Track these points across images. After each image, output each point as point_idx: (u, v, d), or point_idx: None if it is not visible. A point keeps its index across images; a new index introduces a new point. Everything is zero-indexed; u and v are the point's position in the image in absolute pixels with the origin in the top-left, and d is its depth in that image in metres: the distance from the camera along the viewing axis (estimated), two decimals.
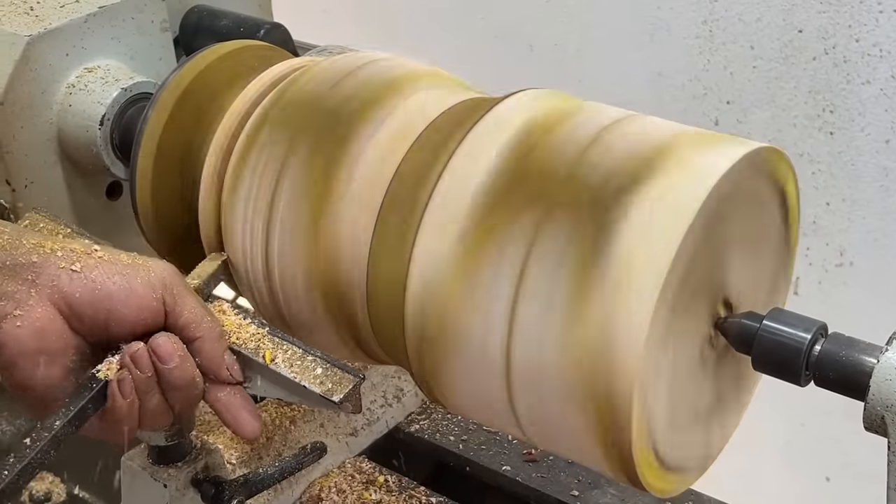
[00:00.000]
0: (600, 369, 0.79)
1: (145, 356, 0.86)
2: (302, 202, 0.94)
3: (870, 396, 0.81)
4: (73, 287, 0.85)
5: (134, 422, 0.87)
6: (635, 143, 0.84)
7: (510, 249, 0.82)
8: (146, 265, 0.88)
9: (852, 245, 1.83)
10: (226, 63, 1.09)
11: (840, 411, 0.98)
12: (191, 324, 0.88)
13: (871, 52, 1.71)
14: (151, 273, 0.87)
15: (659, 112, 0.94)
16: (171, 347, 0.86)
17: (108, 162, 1.17)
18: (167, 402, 0.88)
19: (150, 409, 0.87)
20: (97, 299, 0.85)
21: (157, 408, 0.87)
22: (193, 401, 0.89)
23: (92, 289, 0.85)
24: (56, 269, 0.85)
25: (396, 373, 1.28)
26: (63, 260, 0.86)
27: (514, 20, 2.08)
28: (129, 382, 0.86)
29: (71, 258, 0.86)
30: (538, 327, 0.81)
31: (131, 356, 0.86)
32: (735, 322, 0.87)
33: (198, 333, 0.88)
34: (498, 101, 0.92)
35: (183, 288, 0.89)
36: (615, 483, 1.19)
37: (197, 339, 0.88)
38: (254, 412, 0.90)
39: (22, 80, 1.14)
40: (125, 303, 0.85)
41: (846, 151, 1.78)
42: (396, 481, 1.20)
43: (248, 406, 0.90)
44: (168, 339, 0.86)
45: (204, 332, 0.88)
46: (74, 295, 0.85)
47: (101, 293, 0.85)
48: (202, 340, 0.88)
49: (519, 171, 0.85)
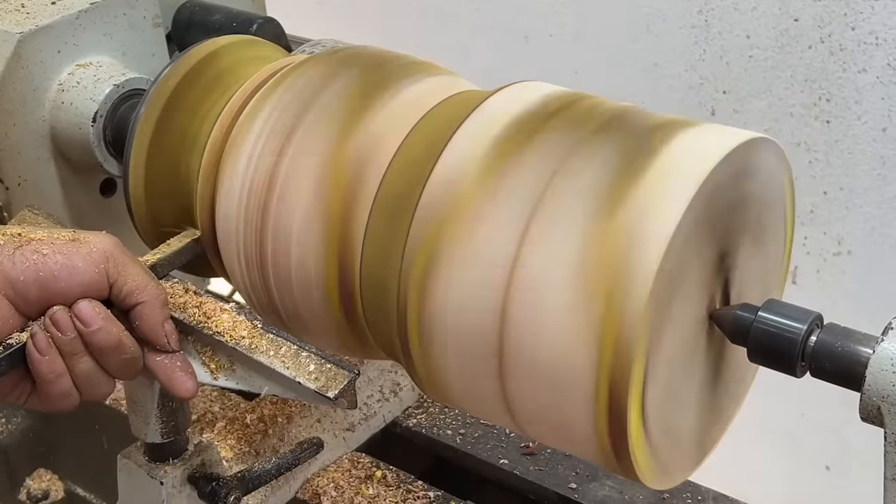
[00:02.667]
0: (619, 272, 0.79)
1: (65, 318, 0.88)
2: (332, 121, 0.95)
3: (866, 387, 0.81)
4: (16, 270, 0.87)
5: (65, 383, 0.89)
6: (657, 116, 0.88)
7: (540, 162, 0.85)
8: (87, 240, 0.90)
9: (850, 234, 1.83)
10: (219, 58, 1.08)
11: (839, 401, 0.98)
12: (133, 291, 0.90)
13: (867, 40, 1.70)
14: (93, 247, 0.89)
15: (655, 102, 0.95)
16: (93, 311, 0.88)
17: (101, 159, 1.17)
18: (101, 367, 0.90)
19: (84, 374, 0.89)
20: (41, 280, 0.87)
21: (91, 372, 0.89)
22: (129, 366, 0.91)
23: (35, 270, 0.87)
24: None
25: (393, 367, 1.28)
26: (4, 246, 0.88)
27: (509, 11, 2.08)
28: (44, 339, 0.87)
29: (12, 243, 0.88)
30: (559, 238, 0.82)
31: (51, 318, 0.88)
32: (730, 313, 0.87)
33: (140, 299, 0.90)
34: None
35: (125, 258, 0.91)
36: (613, 475, 1.19)
37: (139, 304, 0.90)
38: (190, 373, 0.93)
39: (13, 77, 1.13)
40: (68, 280, 0.88)
41: (843, 140, 1.78)
42: (394, 476, 1.20)
43: (184, 367, 0.93)
44: (90, 304, 0.88)
45: (146, 298, 0.90)
46: (19, 278, 0.87)
47: (44, 274, 0.87)
48: (144, 305, 0.90)
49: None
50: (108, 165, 1.18)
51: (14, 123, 1.15)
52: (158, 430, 1.01)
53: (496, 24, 2.11)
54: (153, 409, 1.00)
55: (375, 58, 1.02)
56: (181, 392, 0.93)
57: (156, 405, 1.00)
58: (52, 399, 0.90)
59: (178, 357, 0.93)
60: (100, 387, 0.91)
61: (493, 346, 0.85)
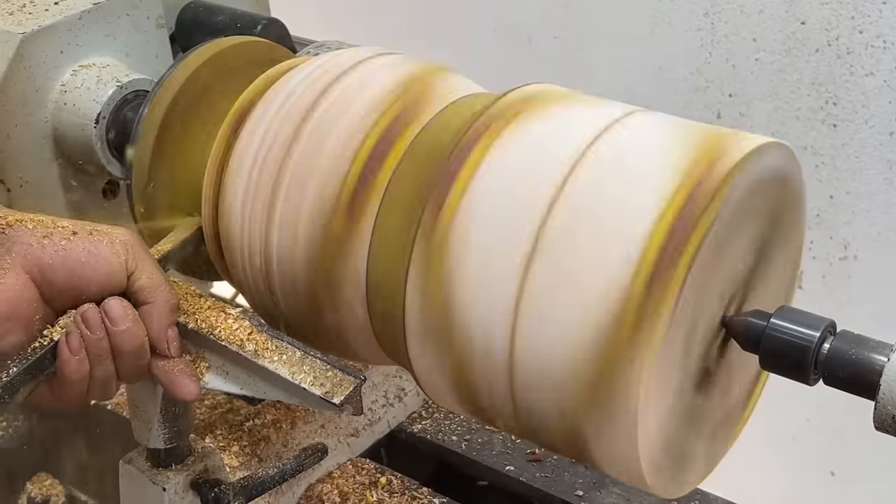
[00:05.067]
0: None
1: (96, 317, 0.88)
2: (339, 119, 0.94)
3: (880, 395, 0.79)
4: (45, 254, 0.88)
5: (84, 385, 0.89)
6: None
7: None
8: (109, 231, 0.91)
9: (856, 238, 1.82)
10: (223, 60, 1.08)
11: (844, 406, 0.97)
12: (146, 288, 0.90)
13: (874, 43, 1.69)
14: (115, 238, 0.90)
15: (660, 105, 0.94)
16: (123, 310, 0.89)
17: (104, 161, 1.16)
18: (115, 369, 0.90)
19: (101, 377, 0.89)
20: (68, 265, 0.88)
21: (107, 375, 0.90)
22: (140, 371, 0.91)
23: (63, 255, 0.88)
24: (28, 237, 0.88)
25: (398, 372, 1.27)
26: (34, 230, 0.89)
27: (512, 13, 2.07)
28: (77, 337, 0.88)
29: (41, 228, 0.89)
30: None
31: (82, 316, 0.88)
32: (742, 320, 0.86)
33: (150, 299, 0.90)
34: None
35: (144, 253, 0.91)
36: (620, 483, 1.18)
37: (149, 303, 0.90)
38: (192, 376, 0.92)
39: (16, 78, 1.12)
40: (95, 268, 0.88)
41: (850, 144, 1.77)
42: (399, 482, 1.19)
43: (187, 370, 0.92)
44: (119, 303, 0.89)
45: (156, 299, 0.91)
46: (47, 262, 0.87)
47: (72, 259, 0.88)
48: (153, 306, 0.91)
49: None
50: (110, 167, 1.17)
51: (16, 124, 1.14)
52: (161, 436, 1.00)
53: (499, 26, 2.10)
54: (156, 413, 0.99)
55: (392, 56, 1.01)
56: (183, 395, 0.92)
57: (158, 410, 0.99)
58: (66, 398, 0.90)
59: (181, 360, 0.92)
60: (108, 390, 0.91)
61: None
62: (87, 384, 0.89)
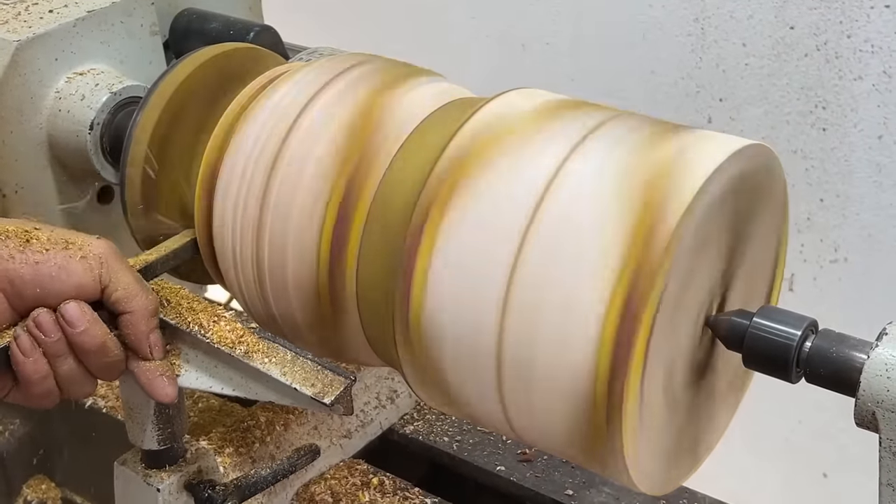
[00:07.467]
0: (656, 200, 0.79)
1: (49, 321, 0.89)
2: (330, 124, 0.96)
3: (860, 392, 0.81)
4: (16, 266, 0.89)
5: (49, 383, 0.91)
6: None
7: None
8: (84, 243, 0.92)
9: (846, 241, 1.83)
10: (216, 66, 1.09)
11: (836, 407, 0.98)
12: (122, 299, 0.91)
13: (862, 47, 1.70)
14: (89, 252, 0.91)
15: (651, 110, 0.95)
16: (79, 312, 0.90)
17: (98, 166, 1.17)
18: (84, 368, 0.91)
19: (66, 374, 0.91)
20: (38, 279, 0.89)
21: (73, 373, 0.91)
22: (112, 368, 0.92)
23: (34, 269, 0.89)
24: (1, 249, 0.89)
25: (390, 374, 1.28)
26: (7, 241, 0.90)
27: (506, 19, 2.08)
28: (27, 341, 0.89)
29: (14, 240, 0.90)
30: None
31: (34, 320, 0.89)
32: (725, 319, 0.87)
33: (128, 308, 0.92)
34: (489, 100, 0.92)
35: (118, 264, 0.92)
36: (610, 482, 1.19)
37: (127, 312, 0.92)
38: (171, 378, 0.94)
39: (11, 85, 1.13)
40: (64, 281, 0.90)
41: (839, 147, 1.78)
42: (391, 483, 1.20)
43: (166, 373, 0.94)
44: (76, 305, 0.90)
45: (134, 308, 0.92)
46: (18, 275, 0.89)
47: (42, 274, 0.89)
48: (132, 315, 0.92)
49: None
50: (105, 173, 1.17)
51: (11, 131, 1.15)
52: (155, 437, 1.01)
53: (492, 32, 2.11)
54: (149, 415, 1.00)
55: (372, 64, 1.02)
56: (160, 397, 0.94)
57: (152, 412, 1.00)
58: (34, 397, 0.91)
59: (162, 362, 0.94)
60: (81, 386, 0.93)
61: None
62: (52, 382, 0.91)
